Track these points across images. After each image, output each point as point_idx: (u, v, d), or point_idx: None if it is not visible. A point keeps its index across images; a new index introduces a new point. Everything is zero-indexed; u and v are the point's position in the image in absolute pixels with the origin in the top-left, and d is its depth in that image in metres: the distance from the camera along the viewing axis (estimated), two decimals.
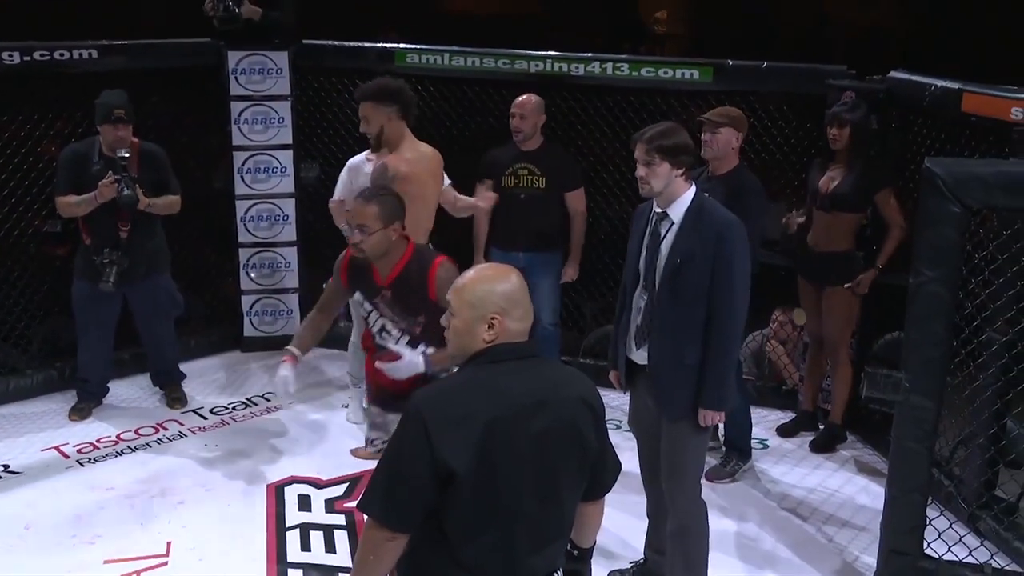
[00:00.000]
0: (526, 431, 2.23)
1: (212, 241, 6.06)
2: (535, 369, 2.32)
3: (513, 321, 2.30)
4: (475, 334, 2.29)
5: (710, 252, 3.34)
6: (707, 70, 5.17)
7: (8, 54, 5.00)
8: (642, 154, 3.39)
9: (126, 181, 4.67)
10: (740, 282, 3.38)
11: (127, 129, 4.72)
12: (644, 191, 3.44)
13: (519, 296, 2.32)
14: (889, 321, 4.95)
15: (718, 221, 3.38)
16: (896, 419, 3.50)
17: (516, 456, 2.22)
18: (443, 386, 2.37)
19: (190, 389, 5.42)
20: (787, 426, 5.15)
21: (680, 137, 3.41)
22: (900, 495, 3.48)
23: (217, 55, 5.68)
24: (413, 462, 2.18)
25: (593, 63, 5.34)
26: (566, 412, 2.29)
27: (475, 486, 2.19)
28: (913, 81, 4.63)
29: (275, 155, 5.82)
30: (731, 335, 3.43)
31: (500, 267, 2.42)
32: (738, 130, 4.40)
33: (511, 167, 5.07)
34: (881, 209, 4.68)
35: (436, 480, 2.17)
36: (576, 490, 2.38)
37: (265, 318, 6.01)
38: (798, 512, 4.45)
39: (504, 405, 2.22)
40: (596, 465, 2.39)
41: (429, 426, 2.17)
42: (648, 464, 3.70)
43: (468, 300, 2.30)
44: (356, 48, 5.83)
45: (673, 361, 3.42)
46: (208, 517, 4.27)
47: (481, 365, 2.30)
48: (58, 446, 4.82)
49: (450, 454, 2.15)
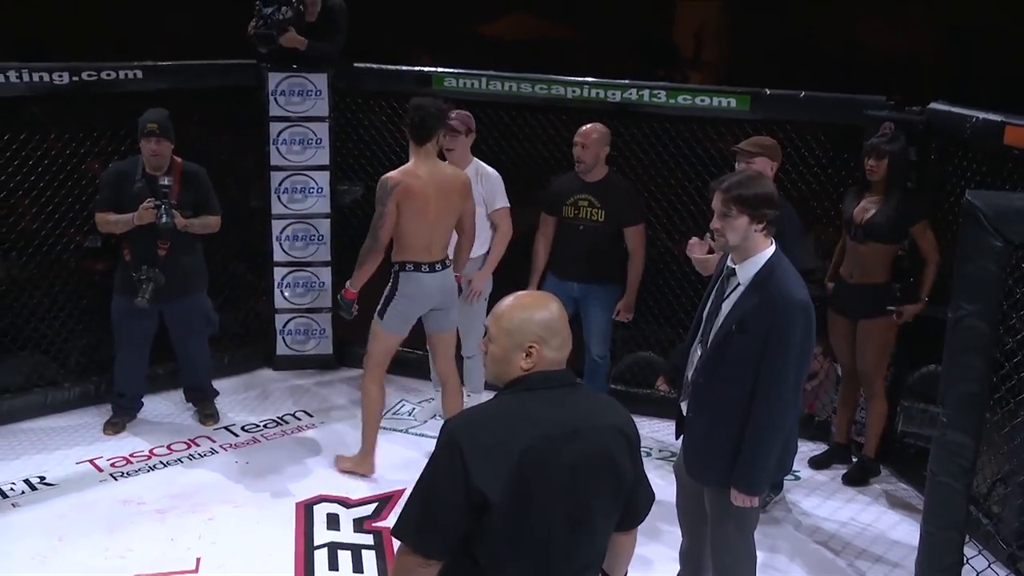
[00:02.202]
0: (560, 460, 2.22)
1: (247, 259, 6.11)
2: (571, 398, 2.32)
3: (551, 350, 2.30)
4: (512, 362, 2.29)
5: (765, 326, 3.11)
6: (744, 98, 5.17)
7: (58, 75, 5.10)
8: (719, 204, 3.18)
9: (166, 208, 4.75)
10: (794, 369, 3.13)
11: (162, 144, 4.79)
12: (718, 244, 3.26)
13: (558, 325, 2.31)
14: (924, 354, 4.90)
15: (783, 295, 3.12)
16: (933, 454, 3.45)
17: (549, 485, 2.22)
18: (478, 414, 2.36)
19: (222, 406, 5.46)
20: (819, 458, 5.10)
21: (762, 187, 3.19)
22: (936, 532, 3.42)
23: (258, 76, 5.75)
24: (448, 489, 2.18)
25: (630, 90, 5.34)
26: (600, 441, 2.29)
27: (508, 514, 2.18)
28: (954, 113, 4.61)
29: (312, 175, 5.87)
30: (772, 423, 3.17)
31: (540, 295, 2.42)
32: (772, 159, 4.37)
33: (572, 197, 5.04)
34: (917, 241, 4.64)
35: (470, 508, 2.17)
36: (610, 520, 2.37)
37: (298, 337, 6.04)
38: (830, 546, 4.39)
39: (538, 434, 2.22)
40: (630, 495, 2.38)
41: (464, 454, 2.17)
42: (684, 510, 3.59)
43: (506, 328, 2.30)
44: (395, 71, 5.88)
45: (708, 430, 3.28)
46: (237, 534, 4.29)
47: (517, 393, 2.30)
48: (92, 459, 4.87)
49: (484, 482, 2.15)
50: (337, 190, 5.93)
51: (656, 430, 5.28)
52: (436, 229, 4.54)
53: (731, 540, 3.34)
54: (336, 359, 6.07)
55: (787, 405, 3.18)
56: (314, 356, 6.06)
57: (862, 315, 4.74)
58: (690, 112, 5.29)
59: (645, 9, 15.16)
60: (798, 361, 3.15)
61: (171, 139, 4.84)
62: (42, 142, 5.21)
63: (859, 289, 4.72)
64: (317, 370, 6.04)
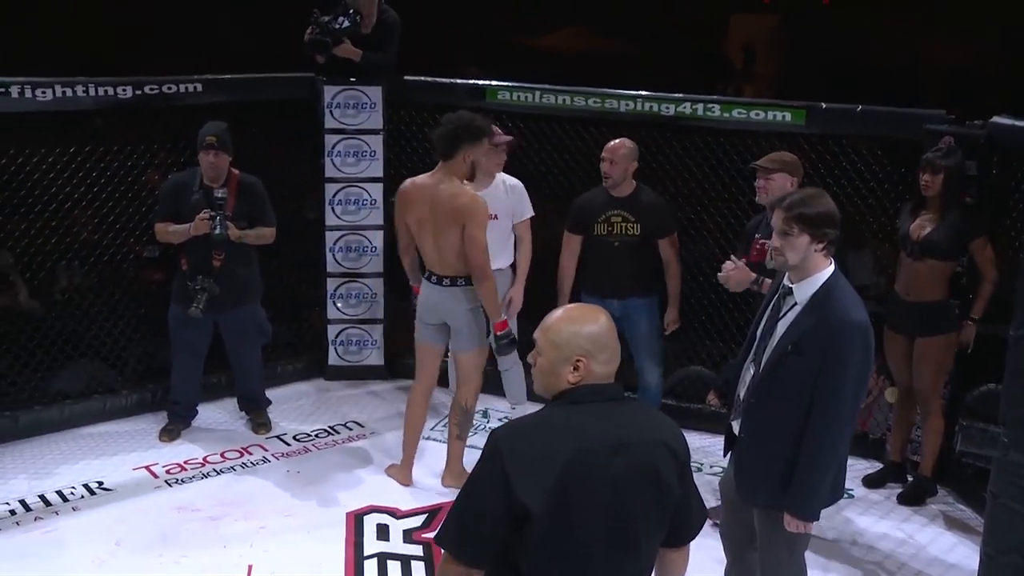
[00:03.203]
0: (603, 474, 2.21)
1: (301, 270, 6.18)
2: (618, 411, 2.31)
3: (599, 364, 2.29)
4: (560, 375, 2.29)
5: (822, 347, 3.04)
6: (800, 113, 5.11)
7: (122, 89, 5.22)
8: (779, 222, 3.13)
9: (220, 220, 4.83)
10: (852, 392, 3.05)
11: (220, 156, 4.87)
12: (777, 263, 3.19)
13: (606, 339, 2.31)
14: (981, 372, 4.80)
15: (841, 316, 3.05)
16: (993, 476, 3.37)
17: (592, 498, 2.21)
18: (523, 424, 2.36)
19: (275, 415, 5.52)
20: (873, 477, 5.01)
21: (824, 205, 3.13)
22: (997, 555, 3.34)
23: (313, 89, 5.83)
24: (490, 499, 2.19)
25: (684, 103, 5.31)
26: (646, 456, 2.27)
27: (550, 526, 2.18)
28: (1017, 127, 4.51)
29: (366, 187, 5.93)
30: (829, 446, 3.09)
31: (589, 307, 2.41)
32: (792, 175, 4.32)
33: (604, 214, 4.98)
34: (976, 258, 4.55)
35: (512, 518, 2.17)
36: (655, 536, 2.35)
37: (350, 347, 6.09)
38: (885, 566, 4.32)
39: (582, 447, 2.21)
40: (678, 511, 2.36)
41: (507, 464, 2.18)
42: (729, 529, 3.54)
43: (553, 340, 2.30)
44: (448, 84, 5.92)
45: (760, 451, 3.22)
46: (289, 542, 4.32)
47: (563, 406, 2.30)
48: (148, 466, 4.95)
49: (526, 493, 2.16)
50: (390, 202, 5.97)
51: (707, 444, 5.23)
52: (439, 243, 4.47)
53: (782, 561, 3.29)
54: (388, 370, 6.11)
55: (844, 429, 3.11)
56: (366, 367, 6.11)
57: (919, 333, 4.66)
58: (744, 126, 5.25)
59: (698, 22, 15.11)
60: (856, 383, 3.08)
61: (229, 152, 4.92)
62: (105, 154, 5.33)
63: (916, 307, 4.64)
64: (369, 381, 6.08)
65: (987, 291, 4.53)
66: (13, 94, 4.91)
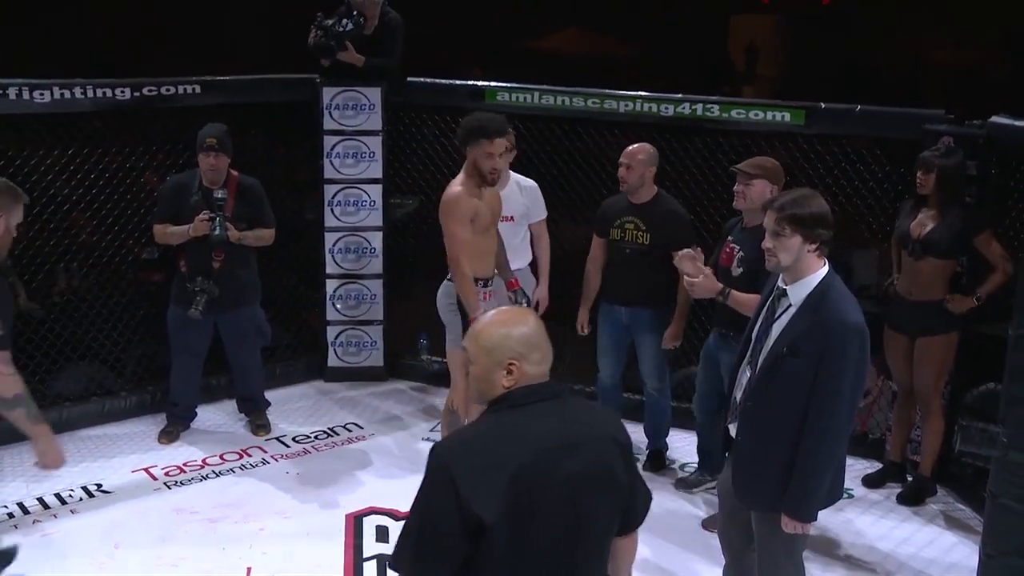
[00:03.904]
0: (556, 474, 2.19)
1: (300, 271, 6.18)
2: (561, 410, 2.29)
3: (531, 365, 2.26)
4: (493, 380, 2.26)
5: (818, 350, 3.01)
6: (799, 113, 5.10)
7: (120, 90, 5.22)
8: (772, 223, 3.10)
9: (220, 221, 4.83)
10: (848, 395, 3.03)
11: (220, 158, 4.87)
12: (770, 264, 3.16)
13: (536, 339, 2.28)
14: (981, 371, 4.79)
15: (837, 318, 3.03)
16: (992, 475, 3.37)
17: (547, 501, 2.18)
18: (466, 435, 2.32)
19: (274, 417, 5.52)
20: (873, 476, 5.01)
21: (817, 206, 3.10)
22: (997, 555, 3.34)
23: (312, 90, 5.83)
24: (441, 516, 2.15)
25: (683, 104, 5.31)
26: (598, 453, 2.26)
27: (506, 535, 2.15)
28: (1016, 126, 4.50)
29: (365, 189, 5.93)
30: (826, 449, 3.07)
31: (517, 310, 2.40)
32: (772, 182, 4.25)
33: (619, 219, 4.88)
34: (984, 252, 4.53)
35: (466, 532, 2.13)
36: (611, 530, 2.34)
37: (349, 349, 6.09)
38: (884, 566, 4.31)
39: (530, 450, 2.19)
40: (628, 500, 2.35)
41: (456, 478, 2.14)
42: (728, 531, 3.53)
43: (484, 346, 2.27)
44: (448, 85, 5.93)
45: (758, 454, 3.20)
46: (288, 544, 4.32)
47: (503, 411, 2.26)
48: (147, 468, 4.95)
49: (478, 505, 2.12)
50: (390, 203, 5.98)
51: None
52: None
53: (780, 563, 3.28)
54: (387, 371, 6.11)
55: (841, 431, 3.09)
56: (365, 368, 6.11)
57: (920, 332, 4.65)
58: (744, 126, 5.24)
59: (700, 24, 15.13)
60: (853, 386, 3.06)
61: (229, 154, 4.92)
62: (103, 156, 5.32)
63: (917, 306, 4.63)
64: (368, 382, 6.08)
65: (999, 279, 4.47)
66: (11, 96, 4.91)
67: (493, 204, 4.56)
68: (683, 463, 5.13)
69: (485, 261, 4.54)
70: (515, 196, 5.04)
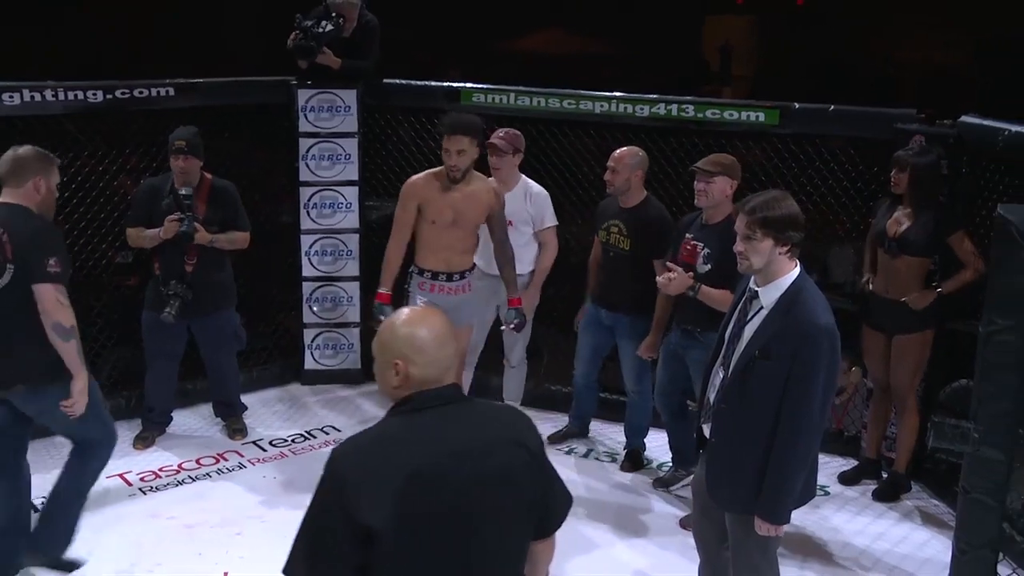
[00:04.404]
0: (450, 481, 2.13)
1: (277, 274, 6.15)
2: (461, 415, 2.23)
3: (416, 368, 2.19)
4: (386, 378, 2.23)
5: (790, 352, 3.03)
6: (773, 113, 5.14)
7: (93, 93, 5.18)
8: (743, 227, 3.10)
9: (188, 219, 4.80)
10: (819, 397, 3.04)
11: (189, 161, 4.84)
12: (742, 267, 3.17)
13: (426, 343, 2.20)
14: (955, 368, 4.83)
15: (807, 320, 3.04)
16: (965, 471, 3.40)
17: (441, 508, 2.12)
18: (360, 439, 2.23)
19: (251, 421, 5.49)
20: (849, 473, 5.04)
21: (787, 208, 3.11)
22: (969, 549, 3.37)
23: (287, 93, 5.81)
24: (332, 523, 2.09)
25: (658, 104, 5.33)
26: (496, 457, 2.20)
27: (398, 542, 2.08)
28: (985, 126, 4.55)
29: (341, 191, 5.91)
30: (798, 452, 3.08)
31: (423, 311, 2.32)
32: (732, 178, 4.32)
33: (607, 222, 4.90)
34: (956, 251, 4.57)
35: (356, 540, 2.07)
36: (518, 535, 2.27)
37: (326, 351, 6.07)
38: (860, 562, 4.34)
39: (424, 455, 2.13)
40: (539, 505, 2.29)
41: (346, 483, 2.09)
42: (702, 531, 3.54)
43: (379, 342, 2.25)
44: (423, 87, 5.93)
45: (731, 456, 3.20)
46: (265, 549, 4.25)
47: (401, 415, 2.21)
48: (122, 474, 4.90)
49: (368, 512, 2.06)
50: (366, 205, 5.96)
51: None
52: None
53: (754, 561, 3.29)
54: (364, 374, 6.09)
55: (813, 433, 3.10)
56: (342, 371, 6.09)
57: (897, 330, 4.69)
58: (718, 127, 5.26)
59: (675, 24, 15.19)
60: (824, 388, 3.08)
61: (199, 156, 4.89)
62: (75, 159, 5.28)
63: (894, 304, 4.66)
64: (345, 385, 6.06)
65: (967, 276, 4.50)
66: None
67: (461, 203, 4.60)
68: (660, 463, 5.15)
69: (436, 255, 4.66)
70: (519, 202, 5.06)
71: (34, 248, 3.60)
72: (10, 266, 3.59)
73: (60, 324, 3.63)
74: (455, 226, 4.61)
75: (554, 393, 5.72)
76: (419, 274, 4.72)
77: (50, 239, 3.69)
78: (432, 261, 4.67)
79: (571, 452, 5.31)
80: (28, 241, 3.61)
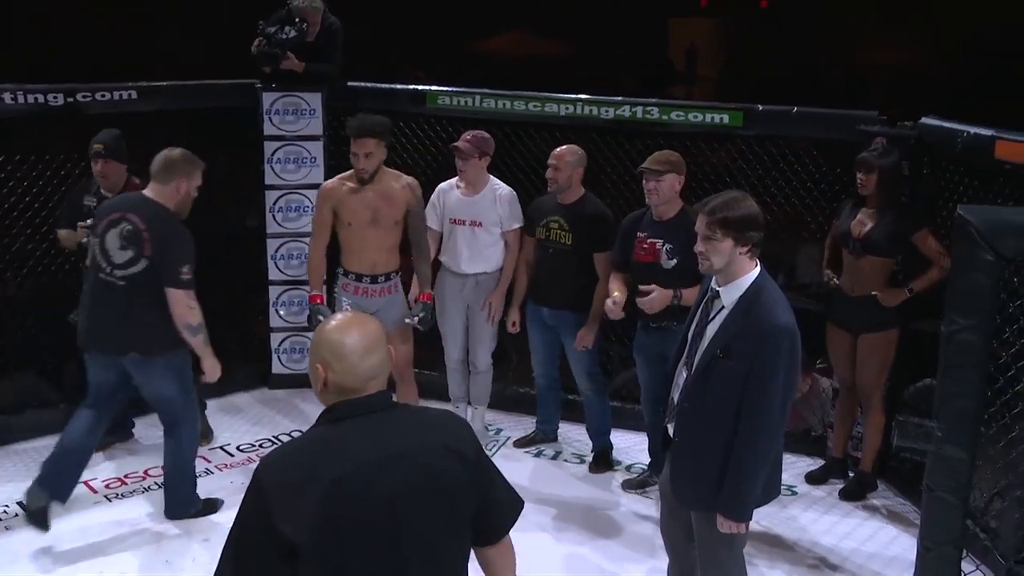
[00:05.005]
0: (375, 490, 2.08)
1: (244, 279, 6.11)
2: (387, 423, 2.18)
3: (336, 375, 2.16)
4: (315, 380, 2.21)
5: (751, 351, 3.05)
6: (737, 115, 5.17)
7: (53, 96, 5.12)
8: (703, 227, 3.12)
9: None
10: (779, 396, 3.06)
11: (108, 165, 4.76)
12: (703, 268, 3.18)
13: (349, 351, 2.16)
14: (919, 367, 4.89)
15: (767, 320, 3.06)
16: (928, 469, 3.44)
17: (365, 519, 2.08)
18: (284, 449, 2.24)
19: (217, 426, 5.45)
20: (816, 473, 5.08)
21: (747, 208, 3.12)
22: (933, 547, 3.41)
23: (252, 96, 5.77)
24: (255, 536, 2.07)
25: (623, 107, 5.35)
26: (425, 465, 2.15)
27: (323, 554, 2.04)
28: (945, 128, 4.61)
29: (306, 194, 5.87)
30: (758, 450, 3.10)
31: (355, 318, 2.28)
32: (679, 174, 4.43)
33: (545, 218, 4.93)
34: (921, 249, 4.60)
35: (279, 553, 2.04)
36: (455, 544, 2.23)
37: (294, 356, 6.03)
38: (828, 561, 4.38)
39: (346, 465, 2.08)
40: (480, 511, 2.24)
41: (267, 495, 2.07)
42: (669, 531, 3.55)
43: (312, 344, 2.25)
44: (389, 90, 5.91)
45: (694, 455, 3.22)
46: None
47: (325, 424, 2.19)
48: (87, 481, 4.83)
49: (288, 526, 2.03)
50: None
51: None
52: None
53: (721, 559, 3.31)
54: None
55: (773, 432, 3.13)
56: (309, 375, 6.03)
57: (863, 329, 4.73)
58: (683, 128, 5.29)
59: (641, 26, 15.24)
60: (784, 387, 3.10)
61: (121, 159, 4.81)
62: (37, 163, 5.21)
63: (860, 302, 4.70)
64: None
65: (935, 275, 4.52)
66: None
67: (375, 201, 4.69)
68: (630, 463, 5.17)
69: (360, 256, 4.77)
70: (487, 203, 5.06)
71: (169, 253, 4.13)
72: (145, 260, 4.13)
73: (190, 324, 4.23)
74: (374, 225, 4.70)
75: (523, 395, 5.72)
76: (344, 275, 4.83)
77: (184, 248, 4.18)
78: (356, 263, 4.79)
79: (540, 455, 5.31)
80: (166, 245, 4.12)
